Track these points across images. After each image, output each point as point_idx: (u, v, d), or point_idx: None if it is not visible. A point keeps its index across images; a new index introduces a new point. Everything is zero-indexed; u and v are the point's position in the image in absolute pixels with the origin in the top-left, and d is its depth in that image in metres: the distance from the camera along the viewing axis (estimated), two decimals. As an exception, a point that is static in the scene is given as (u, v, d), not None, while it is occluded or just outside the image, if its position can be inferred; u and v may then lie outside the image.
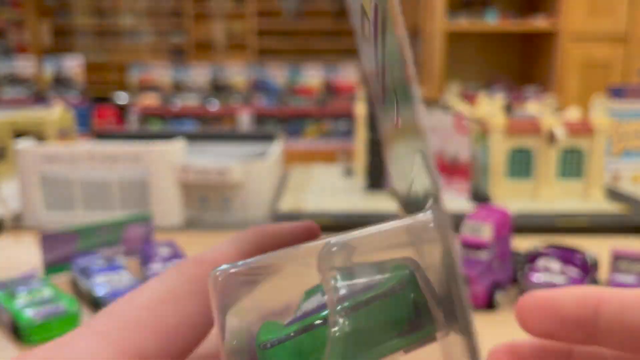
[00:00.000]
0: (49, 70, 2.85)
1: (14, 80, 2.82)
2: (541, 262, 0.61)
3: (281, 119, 2.98)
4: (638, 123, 1.22)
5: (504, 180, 1.08)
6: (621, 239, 0.84)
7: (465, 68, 2.94)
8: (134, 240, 0.75)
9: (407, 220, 0.16)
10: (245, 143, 1.32)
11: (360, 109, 1.28)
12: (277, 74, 3.06)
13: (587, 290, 0.17)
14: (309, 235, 0.21)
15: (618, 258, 0.61)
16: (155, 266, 0.66)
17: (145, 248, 0.71)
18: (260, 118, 2.94)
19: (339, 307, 0.15)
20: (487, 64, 2.96)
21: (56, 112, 1.38)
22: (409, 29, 3.20)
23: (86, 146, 1.08)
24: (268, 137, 1.32)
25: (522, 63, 2.99)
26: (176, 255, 0.69)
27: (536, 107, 1.30)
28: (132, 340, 0.17)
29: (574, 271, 0.59)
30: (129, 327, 0.17)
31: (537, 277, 0.60)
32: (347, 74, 3.05)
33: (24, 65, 2.86)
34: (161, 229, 0.87)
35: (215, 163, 0.94)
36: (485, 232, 0.60)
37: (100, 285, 0.61)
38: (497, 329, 0.43)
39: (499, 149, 1.06)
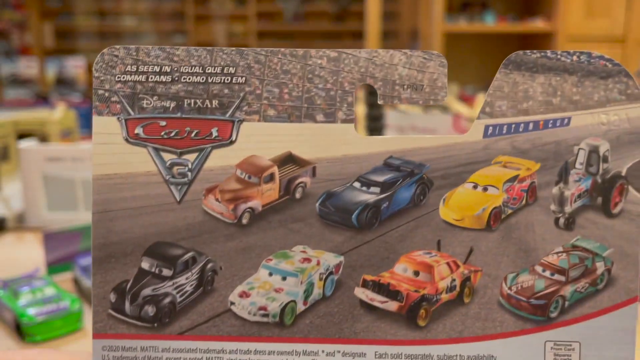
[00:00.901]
0: (51, 71, 2.87)
1: (17, 81, 2.84)
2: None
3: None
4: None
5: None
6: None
7: (463, 70, 2.95)
8: (135, 240, 0.76)
9: None
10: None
11: (359, 110, 1.29)
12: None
13: None
14: None
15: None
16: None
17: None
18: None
19: None
20: (486, 65, 2.97)
21: (59, 113, 1.39)
22: (408, 31, 3.19)
23: (88, 146, 1.09)
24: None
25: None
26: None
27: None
28: None
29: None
30: None
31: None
32: (347, 75, 3.06)
33: (27, 66, 2.88)
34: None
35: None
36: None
37: (102, 283, 0.62)
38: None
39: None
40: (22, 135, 1.28)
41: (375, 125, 1.17)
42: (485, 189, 0.25)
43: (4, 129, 1.28)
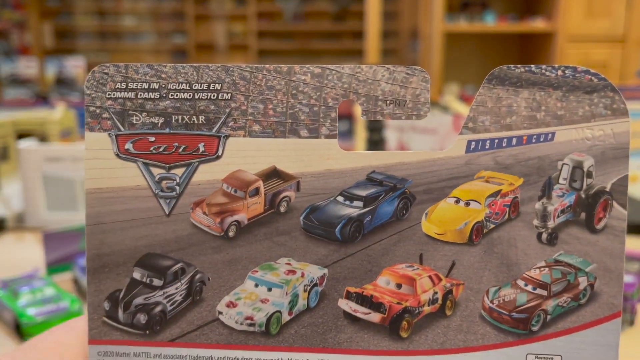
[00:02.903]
0: (51, 71, 2.88)
1: (17, 81, 2.84)
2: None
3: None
4: (636, 124, 1.24)
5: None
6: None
7: (463, 69, 2.96)
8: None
9: None
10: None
11: (360, 110, 1.30)
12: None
13: None
14: None
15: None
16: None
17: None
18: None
19: None
20: (486, 65, 2.97)
21: (58, 113, 1.40)
22: (408, 31, 3.18)
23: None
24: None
25: (520, 64, 3.00)
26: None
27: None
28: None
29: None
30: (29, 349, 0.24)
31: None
32: (347, 75, 3.06)
33: (27, 66, 2.88)
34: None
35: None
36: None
37: (101, 283, 0.62)
38: None
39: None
40: (21, 135, 1.29)
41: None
42: (467, 204, 0.25)
43: (3, 129, 1.28)
